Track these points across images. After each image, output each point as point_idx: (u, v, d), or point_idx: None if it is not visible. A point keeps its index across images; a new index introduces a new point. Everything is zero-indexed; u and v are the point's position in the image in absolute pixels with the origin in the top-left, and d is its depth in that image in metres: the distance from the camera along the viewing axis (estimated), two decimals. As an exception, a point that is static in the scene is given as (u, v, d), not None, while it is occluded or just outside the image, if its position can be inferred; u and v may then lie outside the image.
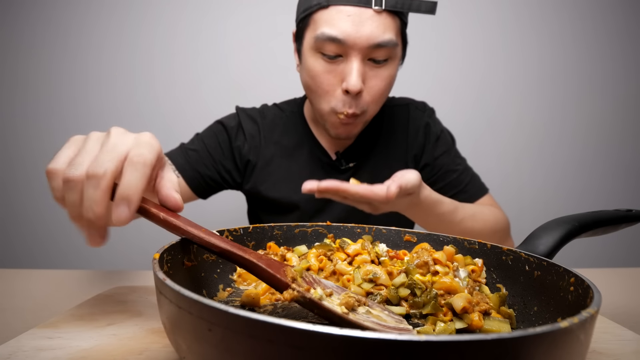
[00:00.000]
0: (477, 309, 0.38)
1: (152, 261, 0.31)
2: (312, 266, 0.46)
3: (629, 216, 0.48)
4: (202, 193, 0.87)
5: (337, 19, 0.67)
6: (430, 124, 0.88)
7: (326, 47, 0.69)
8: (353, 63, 0.68)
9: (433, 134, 0.87)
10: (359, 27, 0.66)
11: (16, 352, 0.34)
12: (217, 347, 0.23)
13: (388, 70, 0.72)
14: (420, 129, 0.87)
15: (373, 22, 0.67)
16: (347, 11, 0.66)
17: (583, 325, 0.24)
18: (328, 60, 0.70)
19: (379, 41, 0.67)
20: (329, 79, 0.71)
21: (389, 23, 0.68)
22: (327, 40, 0.68)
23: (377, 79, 0.71)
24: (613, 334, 0.42)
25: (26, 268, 0.83)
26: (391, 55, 0.71)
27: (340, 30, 0.66)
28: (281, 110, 0.91)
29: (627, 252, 1.51)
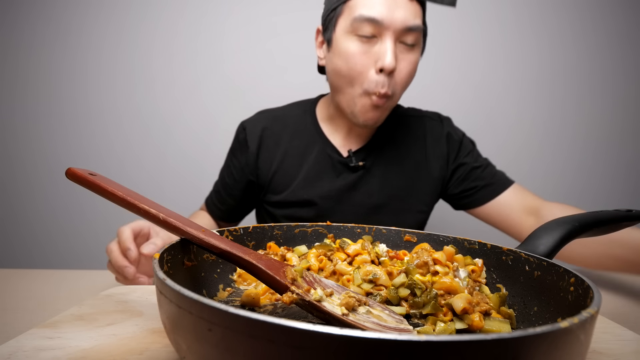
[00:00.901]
0: (477, 309, 0.38)
1: (152, 261, 0.31)
2: (312, 266, 0.46)
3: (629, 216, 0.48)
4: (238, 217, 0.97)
5: (373, 2, 0.71)
6: (451, 133, 0.91)
7: (363, 27, 0.72)
8: (387, 43, 0.72)
9: (455, 141, 0.91)
10: (394, 10, 0.71)
11: (16, 352, 0.34)
12: (217, 347, 0.23)
13: (415, 55, 0.76)
14: (441, 139, 0.90)
15: (406, 6, 0.72)
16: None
17: (583, 325, 0.24)
18: (364, 40, 0.73)
19: (410, 25, 0.72)
20: (363, 59, 0.74)
21: (417, 10, 0.74)
22: (365, 20, 0.71)
23: (405, 62, 0.75)
24: (613, 334, 0.42)
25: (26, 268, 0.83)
26: (418, 40, 0.75)
27: (377, 11, 0.71)
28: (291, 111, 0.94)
29: (627, 252, 1.51)
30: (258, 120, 0.93)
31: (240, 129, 0.94)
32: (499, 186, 0.87)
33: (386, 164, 0.87)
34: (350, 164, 0.85)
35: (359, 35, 0.73)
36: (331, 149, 0.87)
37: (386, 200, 0.86)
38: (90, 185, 0.37)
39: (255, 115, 0.95)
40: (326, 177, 0.85)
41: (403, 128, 0.90)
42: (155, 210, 0.36)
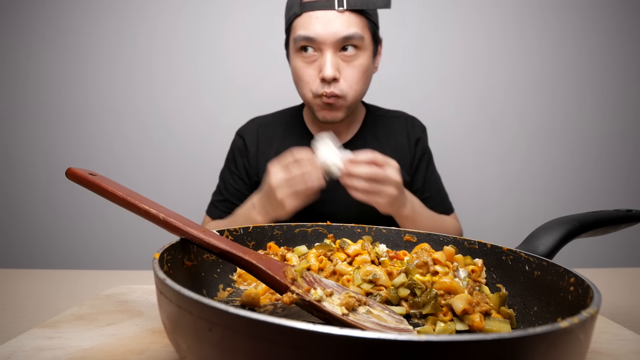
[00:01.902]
0: (477, 309, 0.38)
1: (152, 261, 0.31)
2: (312, 266, 0.46)
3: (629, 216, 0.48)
4: None
5: (309, 23, 0.81)
6: (421, 139, 1.00)
7: (304, 46, 0.83)
8: (326, 55, 0.81)
9: (421, 149, 1.00)
10: (327, 26, 0.80)
11: (16, 352, 0.34)
12: (217, 347, 0.23)
13: (359, 60, 0.84)
14: (412, 140, 0.99)
15: (338, 20, 0.80)
16: (315, 15, 0.80)
17: (583, 325, 0.24)
18: (306, 57, 0.84)
19: (344, 35, 0.80)
20: (308, 72, 0.84)
21: (352, 20, 0.81)
22: (304, 39, 0.82)
23: (350, 68, 0.83)
24: (613, 334, 0.42)
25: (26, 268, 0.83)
26: (359, 46, 0.83)
27: (313, 30, 0.80)
28: (281, 116, 1.03)
29: (627, 252, 1.51)
30: (252, 126, 1.02)
31: (237, 137, 1.03)
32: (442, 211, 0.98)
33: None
34: None
35: (302, 54, 0.84)
36: None
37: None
38: (90, 185, 0.37)
39: (248, 123, 1.04)
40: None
41: (383, 126, 0.99)
42: (155, 210, 0.36)
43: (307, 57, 0.84)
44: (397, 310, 0.40)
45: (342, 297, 0.36)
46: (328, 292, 0.35)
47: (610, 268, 0.84)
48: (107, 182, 0.38)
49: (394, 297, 0.41)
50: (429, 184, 0.99)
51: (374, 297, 0.42)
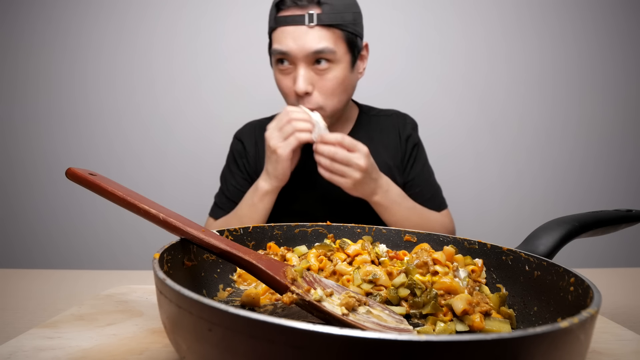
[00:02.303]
0: (477, 309, 0.38)
1: (152, 261, 0.31)
2: (312, 266, 0.46)
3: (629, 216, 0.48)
4: None
5: (282, 37, 0.84)
6: (411, 136, 1.01)
7: (279, 59, 0.86)
8: (299, 70, 0.84)
9: (411, 145, 1.01)
10: (298, 41, 0.82)
11: (16, 352, 0.34)
12: (217, 347, 0.23)
13: (333, 73, 0.85)
14: (403, 137, 1.00)
15: (309, 35, 0.82)
16: (288, 30, 0.83)
17: (583, 325, 0.24)
18: (283, 68, 0.87)
19: (315, 49, 0.82)
20: (286, 84, 0.88)
21: (324, 35, 0.82)
22: (279, 54, 0.85)
23: (324, 80, 0.85)
24: (613, 334, 0.42)
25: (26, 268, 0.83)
26: (332, 59, 0.84)
27: (285, 45, 0.83)
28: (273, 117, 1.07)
29: (627, 252, 1.51)
30: (249, 128, 1.05)
31: (235, 140, 1.05)
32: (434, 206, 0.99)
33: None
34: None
35: (280, 66, 0.87)
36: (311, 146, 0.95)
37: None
38: (90, 185, 0.37)
39: (245, 126, 1.07)
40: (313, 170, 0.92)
41: (376, 125, 1.01)
42: (155, 210, 0.36)
43: (283, 69, 0.87)
44: (397, 310, 0.40)
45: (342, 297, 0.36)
46: (328, 292, 0.35)
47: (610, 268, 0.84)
48: (107, 182, 0.38)
49: (394, 297, 0.41)
50: (419, 179, 0.99)
51: (374, 297, 0.42)
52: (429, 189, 1.00)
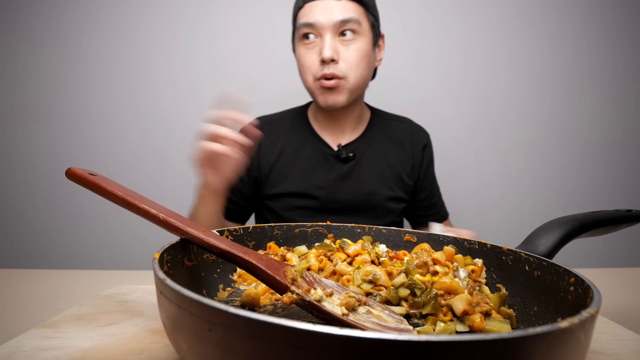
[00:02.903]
0: (477, 309, 0.38)
1: (152, 261, 0.31)
2: (312, 266, 0.46)
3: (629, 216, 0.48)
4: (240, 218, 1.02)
5: (310, 12, 0.87)
6: (428, 146, 1.04)
7: (306, 32, 0.88)
8: (325, 38, 0.86)
9: (427, 155, 1.04)
10: (325, 12, 0.86)
11: (16, 352, 0.34)
12: (217, 347, 0.23)
13: (357, 44, 0.88)
14: (419, 146, 1.02)
15: (335, 7, 0.86)
16: (315, 4, 0.87)
17: (583, 325, 0.24)
18: (308, 42, 0.89)
19: (341, 19, 0.85)
20: (310, 57, 0.89)
21: (349, 7, 0.87)
22: (305, 26, 0.88)
23: (348, 50, 0.87)
24: (613, 334, 0.42)
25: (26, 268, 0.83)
26: (357, 30, 0.87)
27: (312, 17, 0.86)
28: (286, 115, 1.06)
29: (627, 252, 1.51)
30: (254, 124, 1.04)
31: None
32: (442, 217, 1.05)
33: (374, 156, 0.98)
34: (342, 156, 0.95)
35: (305, 41, 0.89)
36: (323, 144, 0.97)
37: (377, 188, 0.96)
38: (90, 185, 0.37)
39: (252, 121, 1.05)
40: (321, 169, 0.96)
41: (388, 128, 1.03)
42: (155, 210, 0.36)
43: (308, 43, 0.89)
44: (397, 310, 0.40)
45: (342, 297, 0.36)
46: (328, 292, 0.35)
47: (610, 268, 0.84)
48: (107, 182, 0.38)
49: (394, 297, 0.41)
50: (435, 191, 1.06)
51: (374, 297, 0.42)
52: (440, 199, 1.07)
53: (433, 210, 1.04)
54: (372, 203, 0.96)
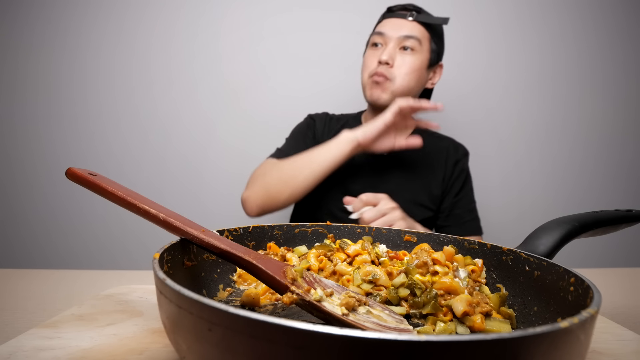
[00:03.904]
0: (477, 310, 0.38)
1: (152, 261, 0.31)
2: (312, 266, 0.46)
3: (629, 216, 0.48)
4: None
5: (384, 25, 1.05)
6: (461, 161, 1.12)
7: (376, 39, 1.05)
8: (389, 46, 1.02)
9: (459, 170, 1.11)
10: (395, 27, 1.03)
11: (16, 352, 0.34)
12: (217, 347, 0.23)
13: (412, 57, 1.02)
14: (452, 160, 1.11)
15: (405, 25, 1.03)
16: (391, 20, 1.05)
17: (583, 325, 0.24)
18: (375, 49, 1.05)
19: (405, 34, 1.02)
20: (372, 60, 1.05)
21: (417, 28, 1.03)
22: (376, 34, 1.05)
23: (404, 60, 1.02)
24: (613, 334, 0.42)
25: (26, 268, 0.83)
26: (416, 48, 1.02)
27: (384, 29, 1.04)
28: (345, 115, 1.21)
29: (627, 252, 1.51)
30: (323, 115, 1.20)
31: (308, 117, 1.18)
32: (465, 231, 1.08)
33: (407, 161, 1.08)
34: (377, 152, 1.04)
35: (373, 47, 1.06)
36: None
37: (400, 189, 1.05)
38: (90, 185, 0.37)
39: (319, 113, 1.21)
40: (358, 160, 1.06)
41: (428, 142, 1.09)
42: (155, 210, 0.36)
43: (375, 50, 1.05)
44: (397, 310, 0.40)
45: (342, 297, 0.36)
46: (328, 292, 0.35)
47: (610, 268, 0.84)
48: (107, 182, 0.38)
49: (394, 297, 0.41)
50: (461, 203, 1.09)
51: (374, 297, 0.42)
52: (468, 214, 1.10)
53: (455, 221, 1.08)
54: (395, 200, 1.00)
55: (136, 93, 1.46)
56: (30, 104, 1.45)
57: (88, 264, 1.48)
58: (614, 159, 1.51)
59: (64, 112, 1.46)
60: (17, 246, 1.48)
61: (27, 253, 1.49)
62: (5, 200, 1.47)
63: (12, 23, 1.43)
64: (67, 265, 1.48)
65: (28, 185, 1.47)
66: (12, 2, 1.42)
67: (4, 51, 1.44)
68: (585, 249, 1.43)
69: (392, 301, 0.41)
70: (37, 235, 1.48)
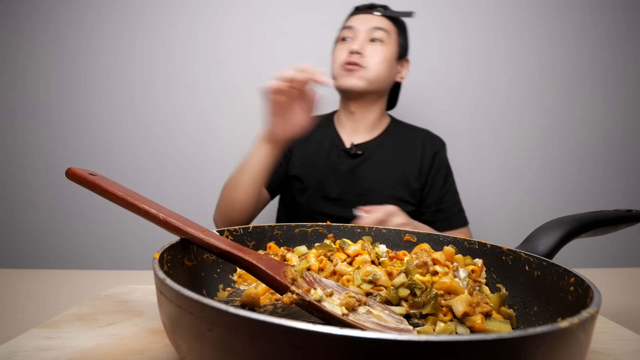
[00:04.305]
0: (478, 310, 0.38)
1: (152, 261, 0.31)
2: (312, 266, 0.46)
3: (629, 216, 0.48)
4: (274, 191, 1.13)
5: (352, 20, 1.07)
6: (439, 153, 1.11)
7: (344, 34, 1.06)
8: (358, 38, 1.03)
9: (437, 163, 1.10)
10: (364, 21, 1.05)
11: (16, 352, 0.34)
12: (217, 347, 0.23)
13: (382, 48, 1.03)
14: (430, 153, 1.10)
15: (373, 19, 1.05)
16: (359, 17, 1.07)
17: (583, 325, 0.24)
18: (344, 43, 1.06)
19: (375, 25, 1.04)
20: (342, 52, 1.05)
21: (385, 22, 1.05)
22: (345, 29, 1.06)
23: (374, 51, 1.03)
24: (613, 334, 0.42)
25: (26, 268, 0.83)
26: (384, 40, 1.04)
27: (353, 23, 1.06)
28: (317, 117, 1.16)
29: (627, 252, 1.51)
30: None
31: None
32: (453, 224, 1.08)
33: (383, 157, 1.08)
34: (351, 152, 1.08)
35: (342, 42, 1.06)
36: (339, 140, 1.11)
37: (378, 187, 1.06)
38: (90, 185, 0.37)
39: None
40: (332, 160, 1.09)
41: (403, 135, 1.13)
42: (155, 210, 0.36)
43: (344, 43, 1.05)
44: (397, 310, 0.40)
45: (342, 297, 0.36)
46: (328, 292, 0.35)
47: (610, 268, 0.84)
48: (107, 182, 0.38)
49: (394, 297, 0.41)
50: (447, 197, 1.09)
51: (374, 297, 0.42)
52: (453, 206, 1.10)
53: (443, 216, 1.08)
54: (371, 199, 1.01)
55: (137, 93, 1.46)
56: (30, 104, 1.45)
57: (88, 264, 1.48)
58: (614, 159, 1.51)
59: (64, 111, 1.46)
60: (17, 246, 1.48)
61: (27, 253, 1.49)
62: (5, 200, 1.47)
63: (12, 23, 1.43)
64: (67, 265, 1.48)
65: (28, 185, 1.47)
66: (12, 2, 1.42)
67: (4, 51, 1.44)
68: (585, 249, 1.43)
69: (392, 301, 0.41)
70: (37, 235, 1.48)
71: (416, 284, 0.41)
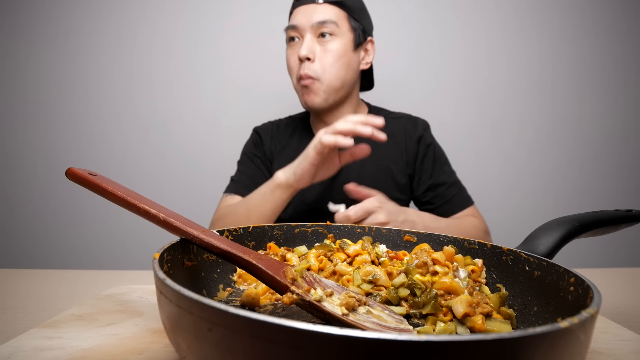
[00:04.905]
0: (478, 310, 0.38)
1: (152, 261, 0.31)
2: (312, 266, 0.46)
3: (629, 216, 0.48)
4: None
5: (295, 15, 0.96)
6: (423, 137, 1.03)
7: (290, 34, 0.96)
8: (305, 38, 0.93)
9: (423, 147, 1.02)
10: (306, 15, 0.93)
11: (16, 352, 0.34)
12: (217, 347, 0.23)
13: (334, 45, 0.93)
14: (414, 139, 1.03)
15: (316, 10, 0.93)
16: (300, 9, 0.95)
17: (583, 325, 0.24)
18: (292, 45, 0.96)
19: (318, 20, 0.92)
20: (293, 58, 0.96)
21: (329, 10, 0.93)
22: (290, 29, 0.96)
23: (325, 51, 0.93)
24: (613, 334, 0.42)
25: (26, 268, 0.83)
26: (334, 32, 0.93)
27: (296, 20, 0.95)
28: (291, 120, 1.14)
29: (627, 252, 1.51)
30: (268, 125, 1.13)
31: (254, 133, 1.12)
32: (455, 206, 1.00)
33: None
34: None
35: (290, 43, 0.97)
36: None
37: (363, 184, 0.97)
38: (90, 185, 0.37)
39: (265, 123, 1.15)
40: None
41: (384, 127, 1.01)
42: (156, 210, 0.36)
43: (292, 45, 0.96)
44: (397, 310, 0.40)
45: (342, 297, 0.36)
46: (328, 292, 0.35)
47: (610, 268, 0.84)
48: (107, 182, 0.38)
49: (394, 297, 0.41)
50: (441, 179, 1.00)
51: (374, 297, 0.42)
52: (453, 187, 1.01)
53: (442, 200, 0.99)
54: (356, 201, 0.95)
55: (137, 92, 1.46)
56: (30, 103, 1.45)
57: (88, 264, 1.48)
58: (614, 159, 1.51)
59: (64, 111, 1.46)
60: (17, 246, 1.48)
61: (27, 253, 1.49)
62: (5, 200, 1.47)
63: (12, 23, 1.43)
64: (67, 265, 1.48)
65: (28, 185, 1.47)
66: (12, 2, 1.42)
67: (4, 51, 1.44)
68: (585, 249, 1.43)
69: (392, 301, 0.41)
70: (37, 235, 1.48)
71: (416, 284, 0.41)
